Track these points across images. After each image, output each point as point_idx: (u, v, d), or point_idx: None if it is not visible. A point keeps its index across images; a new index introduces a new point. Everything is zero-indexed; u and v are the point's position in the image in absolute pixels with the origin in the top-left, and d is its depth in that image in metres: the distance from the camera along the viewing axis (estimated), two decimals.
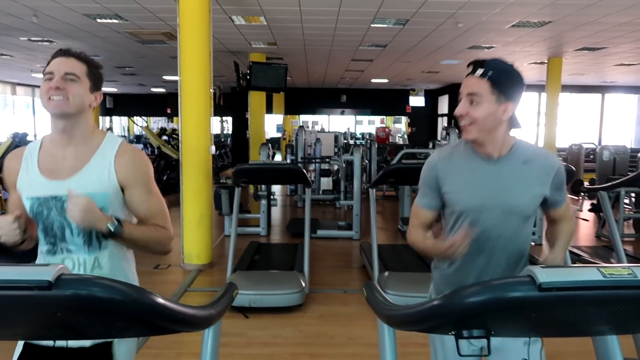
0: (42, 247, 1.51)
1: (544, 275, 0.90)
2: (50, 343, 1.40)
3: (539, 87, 13.58)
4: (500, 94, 1.48)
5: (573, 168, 4.60)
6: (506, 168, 1.56)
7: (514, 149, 1.57)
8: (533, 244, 5.99)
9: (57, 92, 1.44)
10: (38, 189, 1.48)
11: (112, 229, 1.42)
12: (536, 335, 1.18)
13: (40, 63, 12.23)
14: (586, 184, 9.16)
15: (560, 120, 11.39)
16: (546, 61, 10.89)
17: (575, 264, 4.53)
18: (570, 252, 4.71)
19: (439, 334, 1.17)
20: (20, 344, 1.48)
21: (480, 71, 1.48)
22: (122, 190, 1.52)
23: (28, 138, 7.08)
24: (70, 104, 1.45)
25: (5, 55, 11.02)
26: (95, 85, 1.53)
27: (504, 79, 1.49)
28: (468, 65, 1.53)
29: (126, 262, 1.59)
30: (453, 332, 1.07)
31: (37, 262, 1.55)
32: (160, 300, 0.97)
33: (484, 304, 0.95)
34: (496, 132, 1.52)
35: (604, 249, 5.51)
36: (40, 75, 1.52)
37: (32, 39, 8.94)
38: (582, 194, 8.28)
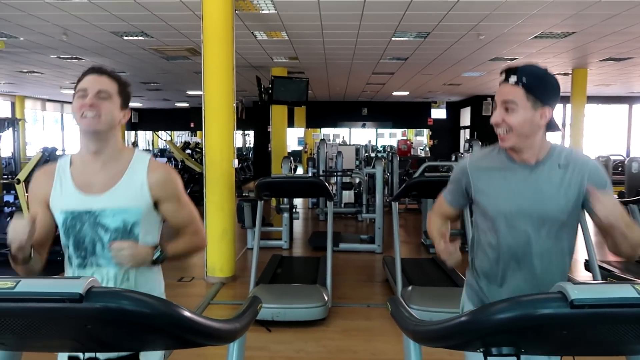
0: (73, 261, 1.54)
1: (575, 292, 0.88)
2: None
3: (563, 99, 13.33)
4: (536, 99, 1.47)
5: None
6: (543, 173, 1.54)
7: (550, 153, 1.55)
8: None
9: (90, 109, 1.47)
10: (72, 203, 1.52)
11: (156, 258, 1.53)
12: (568, 353, 1.15)
13: (70, 80, 12.62)
14: (615, 197, 8.91)
15: (587, 132, 11.17)
16: (570, 72, 10.73)
17: (606, 280, 4.40)
18: (601, 267, 4.57)
19: (467, 350, 1.14)
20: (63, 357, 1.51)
21: (513, 78, 1.48)
22: (156, 204, 1.57)
23: (57, 152, 7.28)
24: (102, 121, 1.49)
25: (37, 72, 11.39)
26: (125, 102, 1.58)
27: (538, 85, 1.48)
28: (501, 73, 1.53)
29: (154, 276, 1.63)
30: (481, 350, 1.05)
31: (66, 270, 1.58)
32: (187, 314, 0.98)
33: (513, 321, 0.93)
34: (534, 138, 1.51)
35: (635, 265, 5.34)
36: (69, 92, 1.57)
37: (62, 56, 9.24)
38: None
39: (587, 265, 4.64)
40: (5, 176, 10.51)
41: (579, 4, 5.78)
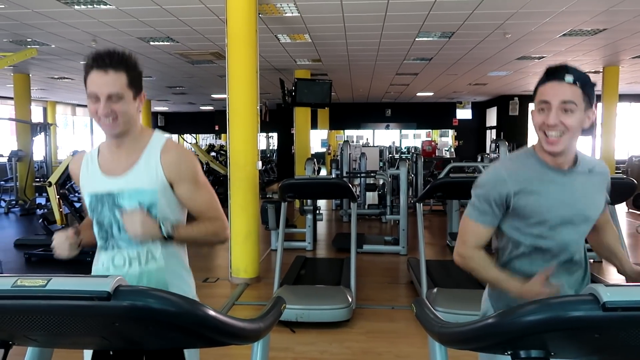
0: (99, 242, 1.59)
1: (608, 294, 0.85)
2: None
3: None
4: (589, 100, 1.43)
5: (634, 181, 4.36)
6: (578, 179, 1.51)
7: (577, 159, 1.53)
8: (592, 261, 5.69)
9: (105, 116, 1.47)
10: (97, 185, 1.56)
11: (164, 233, 1.48)
12: (600, 358, 1.11)
13: None
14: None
15: (619, 131, 10.85)
16: (601, 70, 10.45)
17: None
18: None
19: (494, 353, 1.12)
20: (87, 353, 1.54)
21: (570, 77, 1.41)
22: (171, 186, 1.54)
23: None
24: (120, 123, 1.49)
25: (67, 78, 11.72)
26: (137, 89, 1.52)
27: (589, 84, 1.43)
28: (548, 73, 1.45)
29: (180, 253, 1.63)
30: (509, 352, 1.02)
31: (95, 257, 1.62)
32: (212, 313, 0.99)
33: (542, 324, 0.90)
34: (576, 141, 1.48)
35: None
36: None
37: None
38: None
39: None
40: (38, 179, 10.83)
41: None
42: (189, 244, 1.63)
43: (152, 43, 7.85)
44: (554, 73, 1.43)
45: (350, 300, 3.92)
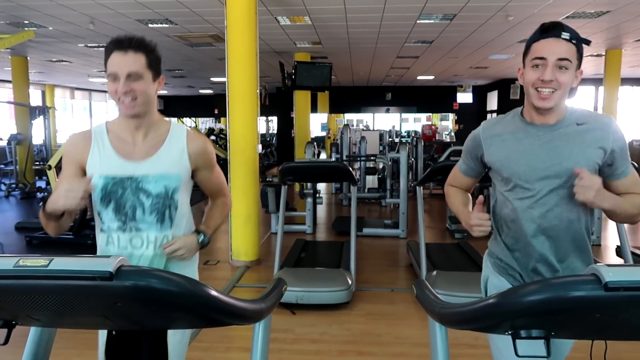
0: (112, 224, 1.57)
1: (610, 274, 0.85)
2: None
3: (596, 81, 12.97)
4: (580, 59, 1.44)
5: (637, 165, 4.35)
6: (559, 131, 1.50)
7: (566, 114, 1.51)
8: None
9: (125, 95, 1.49)
10: (114, 169, 1.55)
11: (201, 241, 1.66)
12: (600, 337, 1.12)
13: (97, 68, 12.83)
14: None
15: (620, 115, 10.80)
16: (604, 53, 10.36)
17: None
18: (633, 253, 4.45)
19: (495, 333, 1.12)
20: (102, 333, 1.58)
21: (566, 34, 1.41)
22: (193, 171, 1.66)
23: None
24: (139, 103, 1.52)
25: (65, 61, 11.62)
26: (156, 72, 1.58)
27: (582, 42, 1.44)
28: (545, 28, 1.44)
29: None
30: (510, 332, 1.03)
31: (99, 240, 1.62)
32: (214, 293, 0.99)
33: (544, 304, 0.90)
34: (564, 100, 1.48)
35: None
36: (97, 80, 1.59)
37: (89, 45, 9.39)
38: None
39: (619, 251, 4.53)
40: (37, 162, 10.81)
41: None
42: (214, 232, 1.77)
43: (150, 25, 7.76)
44: (551, 29, 1.43)
45: (350, 282, 3.94)
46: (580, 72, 1.46)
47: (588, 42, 1.47)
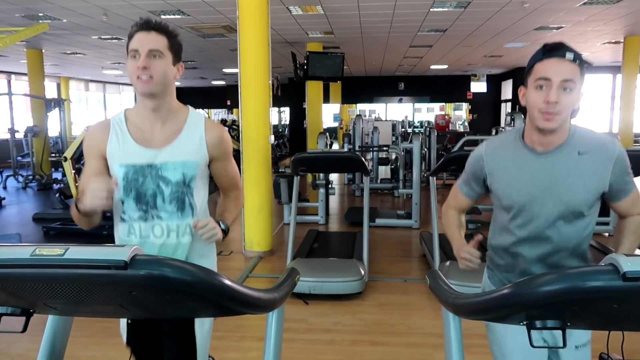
0: (133, 214, 1.58)
1: (628, 264, 0.84)
2: None
3: (613, 69, 12.70)
4: (583, 80, 1.41)
5: None
6: (559, 160, 1.46)
7: (569, 138, 1.46)
8: (607, 234, 5.65)
9: (143, 71, 1.48)
10: (134, 157, 1.55)
11: (224, 228, 1.60)
12: (616, 328, 1.10)
13: (110, 60, 12.92)
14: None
15: (638, 103, 10.59)
16: (622, 40, 10.13)
17: None
18: None
19: (509, 323, 1.11)
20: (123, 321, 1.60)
21: (570, 55, 1.37)
22: (209, 161, 1.64)
23: None
24: (156, 81, 1.50)
25: (79, 53, 11.71)
26: (177, 56, 1.58)
27: (585, 63, 1.41)
28: (547, 49, 1.41)
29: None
30: (525, 323, 1.02)
31: (119, 230, 1.62)
32: (228, 282, 0.99)
33: (560, 294, 0.89)
34: (568, 122, 1.45)
35: None
36: (111, 72, 1.59)
37: (103, 37, 9.44)
38: None
39: None
40: (53, 154, 10.95)
41: None
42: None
43: (163, 16, 7.77)
44: (555, 49, 1.39)
45: (362, 272, 3.94)
46: (582, 94, 1.43)
47: (591, 65, 1.44)
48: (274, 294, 1.24)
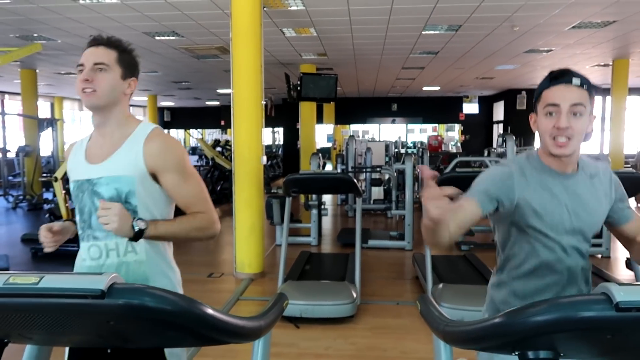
0: (79, 232, 1.55)
1: (621, 294, 0.81)
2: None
3: (603, 91, 12.88)
4: (592, 104, 1.42)
5: None
6: (580, 184, 1.48)
7: (580, 163, 1.50)
8: (599, 256, 5.64)
9: (86, 84, 1.45)
10: (79, 172, 1.54)
11: (135, 227, 1.39)
12: (612, 359, 1.08)
13: None
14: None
15: (628, 125, 10.72)
16: (611, 63, 10.31)
17: None
18: None
19: (501, 353, 1.08)
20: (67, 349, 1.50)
21: (577, 80, 1.38)
22: (155, 176, 1.49)
23: None
24: (99, 95, 1.46)
25: (74, 73, 11.73)
26: (128, 71, 1.52)
27: (593, 88, 1.42)
28: (554, 76, 1.41)
29: (163, 246, 1.56)
30: (516, 353, 0.99)
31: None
32: (210, 311, 0.96)
33: (552, 324, 0.87)
34: (580, 146, 1.45)
35: None
36: None
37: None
38: None
39: (629, 263, 4.44)
40: (44, 174, 10.87)
41: None
42: (169, 239, 1.56)
43: (157, 38, 7.83)
44: (562, 76, 1.40)
45: (355, 295, 3.89)
46: (594, 116, 1.44)
47: (597, 88, 1.47)
48: (260, 322, 1.20)
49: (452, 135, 21.74)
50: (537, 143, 1.60)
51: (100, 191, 1.47)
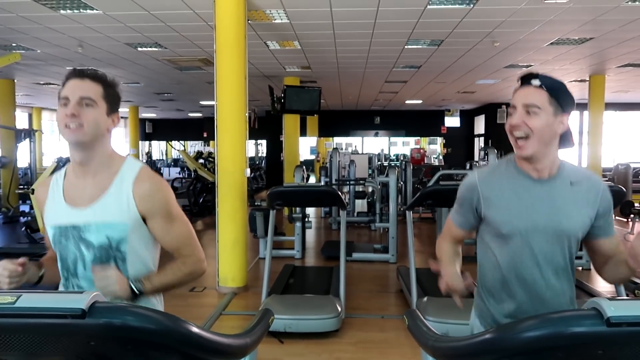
0: (62, 280, 1.48)
1: (612, 309, 0.81)
2: None
3: (580, 106, 13.14)
4: (558, 105, 1.44)
5: (623, 188, 4.38)
6: (556, 189, 1.48)
7: (560, 169, 1.51)
8: (580, 268, 5.71)
9: (72, 119, 1.37)
10: (60, 217, 1.44)
11: (133, 290, 1.37)
12: None
13: None
14: (637, 205, 8.68)
15: (605, 139, 10.96)
16: (587, 79, 10.57)
17: (633, 292, 4.26)
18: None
19: None
20: None
21: (537, 81, 1.44)
22: (144, 219, 1.44)
23: None
24: (86, 131, 1.39)
25: (53, 84, 11.56)
26: (112, 107, 1.46)
27: (559, 90, 1.45)
28: (520, 79, 1.49)
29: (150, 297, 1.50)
30: None
31: None
32: (195, 330, 0.93)
33: (543, 340, 0.86)
34: (551, 147, 1.47)
35: None
36: None
37: (78, 68, 9.35)
38: (633, 215, 7.88)
39: None
40: (22, 186, 10.63)
41: (597, 9, 5.69)
42: (162, 291, 1.52)
43: (139, 49, 7.76)
44: (523, 79, 1.48)
45: (339, 309, 3.86)
46: (565, 118, 1.46)
47: (564, 91, 1.47)
48: (246, 339, 1.18)
49: (434, 148, 21.98)
50: None
51: (89, 239, 1.40)
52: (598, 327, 0.82)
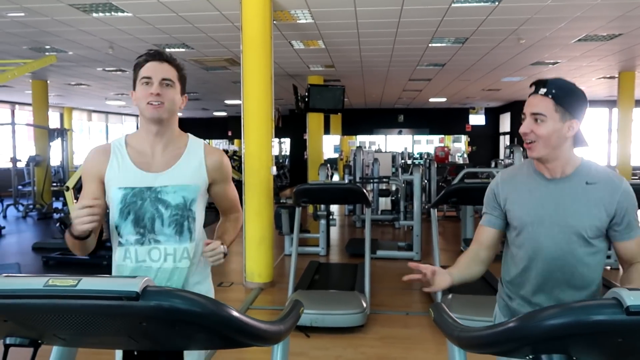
0: (130, 237, 1.58)
1: (631, 298, 0.85)
2: None
3: (609, 103, 12.89)
4: (565, 111, 1.49)
5: None
6: (567, 187, 1.54)
7: (579, 168, 1.55)
8: (609, 268, 5.62)
9: (156, 97, 1.55)
10: (133, 180, 1.58)
11: (225, 253, 1.59)
12: None
13: (114, 91, 13.12)
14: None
15: (635, 137, 10.71)
16: (617, 75, 10.34)
17: None
18: None
19: (515, 357, 1.12)
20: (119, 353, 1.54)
21: (543, 90, 1.50)
22: (210, 185, 1.69)
23: None
24: (166, 108, 1.58)
25: (84, 84, 11.91)
26: (183, 88, 1.67)
27: (567, 97, 1.50)
28: (530, 86, 1.56)
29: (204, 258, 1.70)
30: (530, 357, 1.03)
31: (116, 255, 1.62)
32: (236, 314, 1.00)
33: (564, 328, 0.90)
34: (561, 150, 1.52)
35: None
36: (113, 103, 1.64)
37: (107, 69, 9.63)
38: None
39: None
40: (55, 183, 10.99)
41: (626, 4, 5.59)
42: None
43: (167, 49, 7.93)
44: (532, 87, 1.55)
45: (364, 305, 3.92)
46: (574, 123, 1.50)
47: (573, 97, 1.50)
48: (280, 326, 1.24)
49: (459, 146, 21.75)
50: None
51: (166, 199, 1.58)
52: (617, 316, 0.85)
